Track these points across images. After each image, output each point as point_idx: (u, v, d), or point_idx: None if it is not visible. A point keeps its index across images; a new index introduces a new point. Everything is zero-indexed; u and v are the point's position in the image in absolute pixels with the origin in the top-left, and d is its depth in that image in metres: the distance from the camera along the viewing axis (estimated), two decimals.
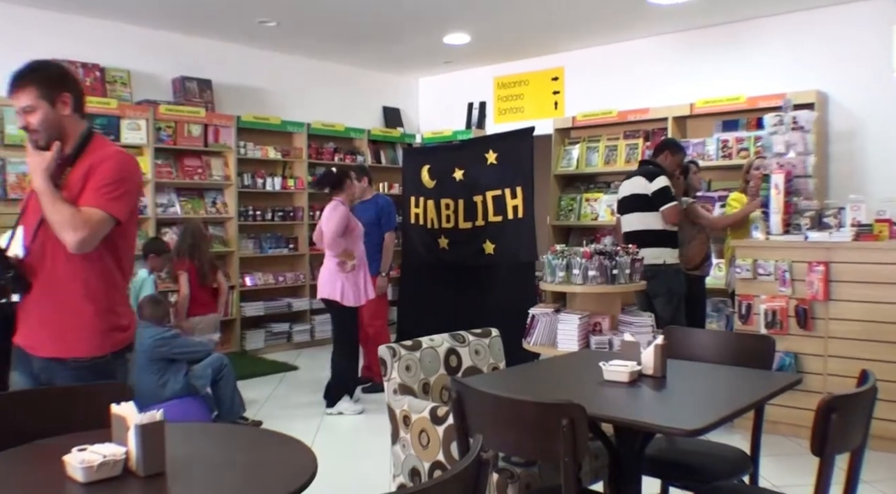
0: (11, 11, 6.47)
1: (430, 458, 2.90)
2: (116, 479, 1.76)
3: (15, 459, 1.94)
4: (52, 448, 1.91)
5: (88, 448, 1.79)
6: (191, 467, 1.91)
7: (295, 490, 1.69)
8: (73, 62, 6.72)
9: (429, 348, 3.22)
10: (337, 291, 5.43)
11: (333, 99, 8.87)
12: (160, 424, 1.81)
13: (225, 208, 7.74)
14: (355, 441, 5.01)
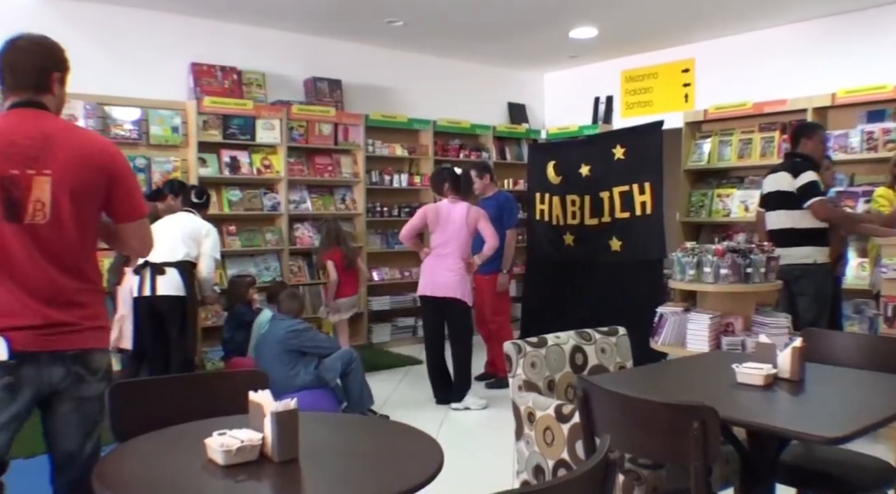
0: (153, 17, 6.85)
1: (554, 456, 2.88)
2: (253, 463, 1.84)
3: (161, 440, 2.07)
4: (194, 431, 2.01)
5: (228, 433, 1.88)
6: (322, 454, 1.98)
7: (422, 481, 1.72)
8: (212, 65, 7.06)
9: (554, 345, 3.20)
10: (465, 292, 5.49)
11: (459, 96, 8.94)
12: (294, 412, 1.88)
13: (354, 204, 7.94)
14: (479, 436, 5.04)
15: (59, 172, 2.27)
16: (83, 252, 2.36)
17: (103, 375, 2.43)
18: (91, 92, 6.41)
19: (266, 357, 5.01)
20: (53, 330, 2.28)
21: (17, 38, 2.40)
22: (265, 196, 7.33)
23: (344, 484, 1.81)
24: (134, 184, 2.46)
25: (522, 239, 8.12)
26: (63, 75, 2.47)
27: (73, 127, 2.49)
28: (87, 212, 2.34)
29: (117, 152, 2.43)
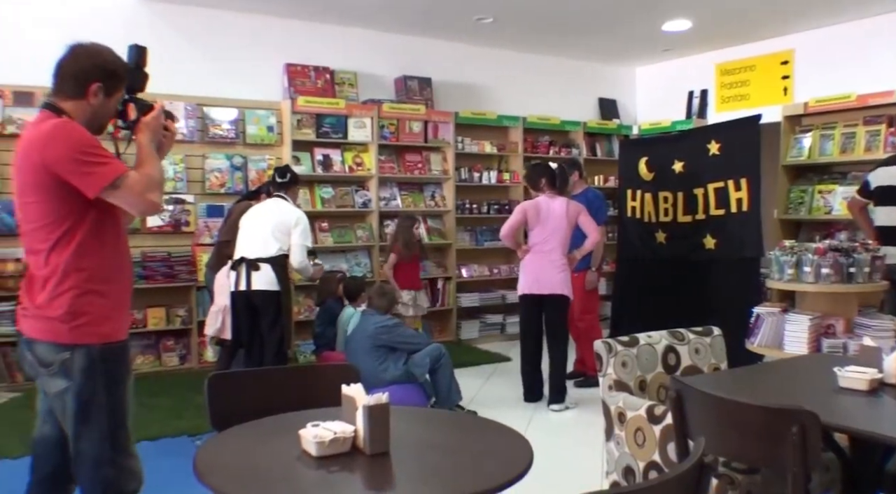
0: (250, 20, 7.06)
1: (645, 458, 2.84)
2: (345, 455, 1.88)
3: (257, 430, 2.13)
4: (289, 421, 2.07)
5: (321, 425, 1.92)
6: (412, 448, 2.00)
7: (512, 478, 1.72)
8: (306, 66, 7.23)
9: (646, 345, 3.15)
10: (569, 288, 5.45)
11: (549, 92, 8.88)
12: (386, 406, 1.91)
13: (443, 201, 7.99)
14: (567, 435, 5.00)
15: (15, 170, 2.42)
16: (44, 241, 2.37)
17: (58, 370, 2.39)
18: (190, 93, 6.67)
19: (356, 351, 5.10)
20: (22, 311, 2.48)
21: (77, 44, 2.46)
22: (356, 193, 7.46)
23: (434, 479, 1.83)
24: (79, 160, 2.31)
25: (612, 236, 8.01)
26: (106, 86, 2.44)
27: (39, 125, 2.38)
28: (42, 202, 2.35)
29: (49, 139, 2.31)
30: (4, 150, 6.05)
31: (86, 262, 2.38)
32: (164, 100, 6.58)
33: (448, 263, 8.02)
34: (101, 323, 2.40)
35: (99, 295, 2.40)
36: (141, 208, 2.46)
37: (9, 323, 5.98)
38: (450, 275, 7.97)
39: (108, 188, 2.33)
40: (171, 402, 5.50)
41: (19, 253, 6.03)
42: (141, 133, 2.54)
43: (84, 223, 2.37)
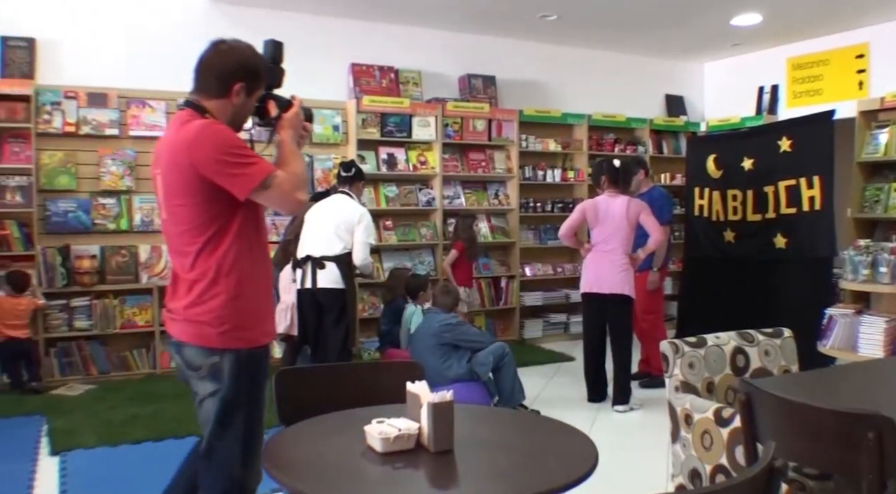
0: (316, 21, 7.16)
1: (712, 461, 2.79)
2: (409, 452, 1.89)
3: (323, 425, 2.17)
4: (355, 418, 2.10)
5: (386, 421, 1.94)
6: (476, 447, 2.00)
7: (577, 478, 1.71)
8: (371, 65, 7.29)
9: (714, 346, 3.09)
10: (630, 287, 5.40)
11: (614, 89, 8.78)
12: (450, 404, 1.91)
13: (507, 200, 7.97)
14: (632, 436, 4.94)
15: (163, 172, 2.40)
16: (191, 244, 2.35)
17: (207, 374, 2.36)
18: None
19: (419, 349, 5.13)
20: (169, 314, 2.46)
21: (221, 41, 2.45)
22: (420, 191, 7.50)
23: (498, 478, 1.83)
24: (227, 162, 2.29)
25: (679, 235, 7.89)
26: (249, 85, 2.43)
27: (184, 126, 2.36)
28: (190, 205, 2.33)
29: (196, 141, 2.29)
30: (80, 150, 6.27)
31: (234, 266, 2.35)
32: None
33: (511, 262, 8.00)
34: (250, 327, 2.39)
35: (246, 300, 2.37)
36: (290, 207, 2.45)
37: (84, 317, 6.20)
38: (513, 274, 7.95)
39: (258, 189, 2.29)
40: None
41: (94, 249, 6.25)
42: (283, 130, 2.51)
43: (232, 226, 2.34)
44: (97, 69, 6.34)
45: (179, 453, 4.52)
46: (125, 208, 6.38)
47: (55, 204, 6.16)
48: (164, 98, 6.49)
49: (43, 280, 6.03)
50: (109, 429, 4.83)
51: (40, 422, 5.01)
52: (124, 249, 6.35)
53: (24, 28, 6.13)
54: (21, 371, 5.81)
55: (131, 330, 6.34)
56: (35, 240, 6.02)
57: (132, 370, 6.34)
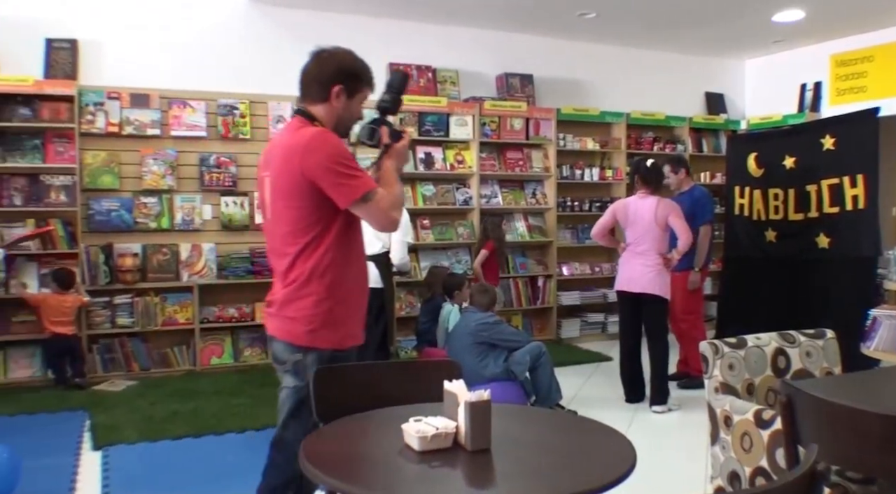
0: (355, 21, 7.19)
1: (752, 463, 2.75)
2: (447, 450, 1.90)
3: (361, 423, 2.18)
4: (392, 416, 2.10)
5: (423, 420, 1.95)
6: (513, 446, 2.00)
7: (615, 479, 1.70)
8: (409, 65, 7.31)
9: (754, 346, 3.04)
10: (663, 287, 5.35)
11: (653, 87, 8.70)
12: (487, 403, 1.91)
13: (544, 199, 7.94)
14: (670, 437, 4.89)
15: (273, 174, 2.51)
16: (292, 245, 2.47)
17: (290, 369, 2.52)
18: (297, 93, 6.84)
19: (456, 348, 5.13)
20: (266, 309, 2.63)
21: (321, 50, 2.59)
22: (458, 191, 7.50)
23: (535, 478, 1.82)
24: (334, 171, 2.40)
25: (719, 234, 7.79)
26: (347, 87, 2.54)
27: (297, 131, 2.50)
28: (295, 208, 2.46)
29: (308, 148, 2.41)
30: (122, 150, 6.37)
31: (328, 270, 2.47)
32: (271, 101, 6.84)
33: (549, 261, 7.97)
34: (336, 329, 2.51)
35: (337, 303, 2.49)
36: (383, 223, 2.52)
37: (126, 315, 6.30)
38: (550, 273, 7.92)
39: (359, 201, 2.41)
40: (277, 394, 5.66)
41: (136, 248, 6.36)
42: (390, 159, 2.61)
43: (331, 231, 2.46)
44: (139, 70, 6.44)
45: (219, 449, 4.60)
46: (166, 207, 6.47)
47: (98, 203, 6.27)
48: (205, 98, 6.58)
49: (86, 277, 6.14)
50: (150, 425, 4.90)
51: (83, 417, 5.11)
52: (165, 248, 6.45)
53: (66, 29, 6.25)
54: (66, 367, 5.93)
55: (172, 328, 6.44)
56: (79, 238, 6.14)
57: (172, 367, 6.43)
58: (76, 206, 6.13)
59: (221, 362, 6.58)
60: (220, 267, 6.59)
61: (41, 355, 6.04)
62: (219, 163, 6.61)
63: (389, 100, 2.63)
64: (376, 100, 2.65)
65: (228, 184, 6.64)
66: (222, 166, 6.62)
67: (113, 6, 6.41)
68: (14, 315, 6.00)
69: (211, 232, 6.64)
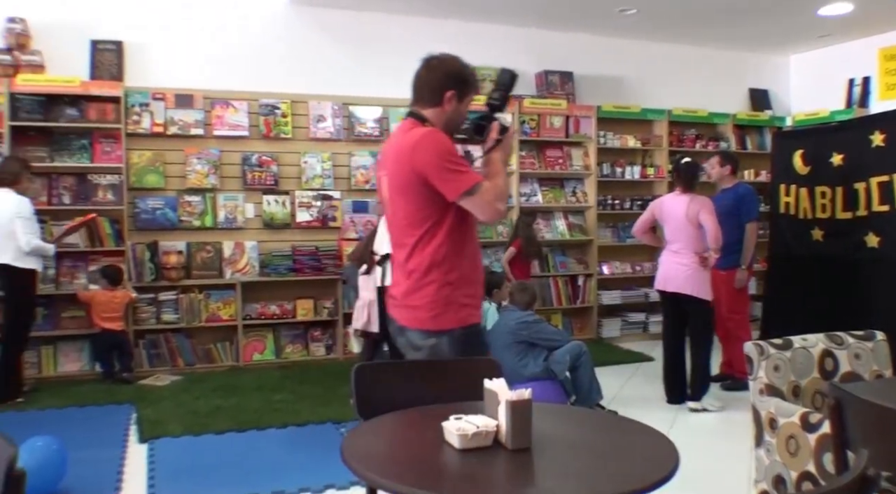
0: (394, 20, 7.23)
1: (798, 467, 2.70)
2: (487, 449, 1.89)
3: (401, 420, 2.18)
4: (432, 413, 2.10)
5: (464, 418, 1.94)
6: (554, 446, 1.99)
7: (657, 480, 1.68)
8: None
9: (801, 348, 2.99)
10: (699, 288, 5.28)
11: (695, 83, 8.59)
12: (528, 402, 1.90)
13: (584, 197, 7.89)
14: (712, 439, 4.83)
15: (389, 172, 2.71)
16: (410, 236, 2.64)
17: (427, 355, 2.63)
18: (337, 93, 6.92)
19: (496, 347, 5.09)
20: (391, 300, 2.79)
21: (431, 57, 2.77)
22: None
23: (576, 478, 1.81)
24: (443, 167, 2.57)
25: (763, 233, 7.67)
26: (459, 92, 2.71)
27: (409, 132, 2.66)
28: (410, 203, 2.63)
29: (418, 146, 2.58)
30: (167, 149, 6.48)
31: (446, 257, 2.62)
32: (311, 100, 6.90)
33: (589, 260, 7.92)
34: (458, 310, 2.65)
35: (455, 288, 2.64)
36: (489, 214, 2.65)
37: (171, 311, 6.41)
38: (591, 272, 7.86)
39: (466, 194, 2.56)
40: (318, 390, 5.72)
41: (180, 245, 6.47)
42: (498, 151, 2.76)
43: (445, 222, 2.62)
44: (183, 71, 6.54)
45: (260, 444, 4.65)
46: (210, 205, 6.56)
47: (144, 201, 6.38)
48: (247, 98, 6.65)
49: (132, 274, 6.26)
50: (194, 419, 4.98)
51: (130, 411, 5.21)
52: (209, 245, 6.54)
53: (112, 32, 6.37)
54: (114, 362, 6.05)
55: (215, 324, 6.53)
56: (125, 236, 6.26)
57: (216, 362, 6.52)
58: (122, 205, 6.25)
59: (263, 358, 6.65)
60: (262, 265, 6.66)
61: (90, 349, 6.17)
62: (261, 162, 6.68)
63: (499, 98, 2.81)
64: (486, 97, 2.82)
65: (270, 183, 6.71)
66: (264, 165, 6.69)
67: (157, 9, 6.52)
68: (64, 310, 6.13)
69: (253, 230, 6.72)
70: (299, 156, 6.85)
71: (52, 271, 6.07)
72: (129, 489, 3.87)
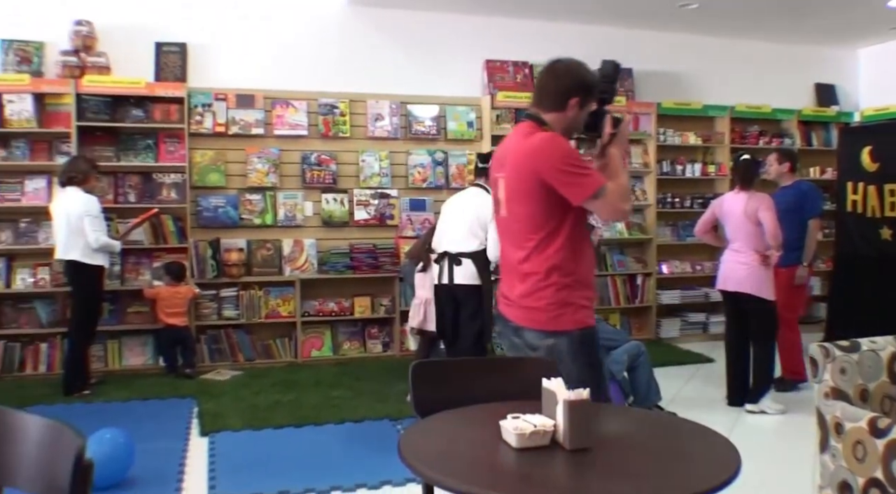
0: (451, 19, 7.23)
1: (865, 474, 2.62)
2: (544, 449, 1.88)
3: (458, 418, 2.18)
4: (489, 412, 2.10)
5: (521, 417, 1.94)
6: (613, 446, 1.97)
7: (719, 483, 1.65)
8: (505, 61, 7.30)
9: (869, 350, 2.91)
10: (760, 287, 5.17)
11: (759, 79, 8.40)
12: (586, 402, 1.89)
13: (644, 195, 7.79)
14: (774, 443, 4.73)
15: (507, 176, 2.70)
16: (529, 240, 2.64)
17: (545, 354, 2.62)
18: (394, 92, 6.96)
19: None
20: (505, 300, 2.79)
21: (556, 61, 2.81)
22: None
23: (636, 479, 1.78)
24: (567, 171, 2.55)
25: (829, 232, 7.47)
26: (583, 99, 2.70)
27: (530, 136, 2.64)
28: (530, 207, 2.62)
29: (540, 151, 2.57)
30: (228, 149, 6.60)
31: (564, 261, 2.62)
32: (369, 99, 6.97)
33: (648, 259, 7.82)
34: (577, 311, 2.65)
35: (573, 290, 2.64)
36: (615, 216, 2.69)
37: (232, 307, 6.53)
38: (650, 271, 7.76)
39: (591, 198, 2.55)
40: (375, 387, 5.76)
41: (241, 243, 6.59)
42: (615, 146, 2.74)
43: (565, 226, 2.62)
44: (244, 71, 6.66)
45: (318, 439, 4.72)
46: (270, 204, 6.67)
47: (206, 199, 6.51)
48: (306, 98, 6.74)
49: (195, 271, 6.40)
50: (254, 414, 5.07)
51: (191, 404, 5.33)
52: (269, 243, 6.65)
53: (176, 34, 6.52)
54: (177, 356, 6.19)
55: (275, 321, 6.63)
56: (188, 233, 6.40)
57: (275, 358, 6.63)
58: (185, 203, 6.39)
59: (321, 354, 6.73)
60: (320, 263, 6.74)
61: (153, 344, 6.33)
62: (319, 161, 6.76)
63: (607, 90, 2.78)
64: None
65: (329, 182, 6.79)
66: (323, 164, 6.77)
67: (219, 11, 6.64)
68: (129, 305, 6.30)
69: (312, 228, 6.81)
70: (357, 155, 6.91)
71: (118, 267, 6.24)
72: (190, 481, 3.95)
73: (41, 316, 6.13)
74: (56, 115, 6.14)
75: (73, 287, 5.62)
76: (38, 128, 6.05)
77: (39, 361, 6.10)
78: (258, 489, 3.77)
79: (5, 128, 5.98)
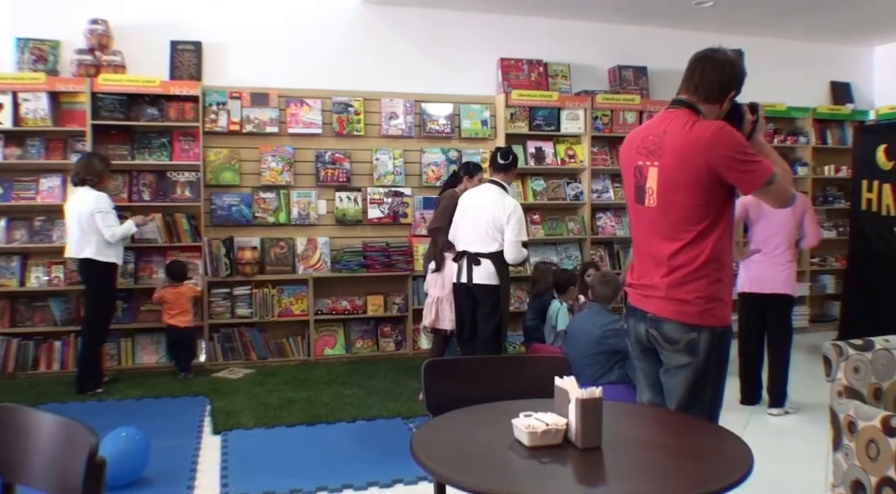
0: (465, 17, 7.23)
1: (878, 472, 2.61)
2: (556, 447, 1.89)
3: (471, 416, 2.19)
4: (502, 410, 2.11)
5: (533, 415, 1.94)
6: (624, 445, 1.97)
7: (732, 481, 1.65)
8: (519, 60, 7.29)
9: (883, 349, 2.89)
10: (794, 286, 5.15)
11: (773, 76, 8.32)
12: (599, 401, 1.89)
13: None
14: (787, 441, 4.70)
15: (667, 165, 2.61)
16: (686, 232, 2.59)
17: (683, 348, 2.59)
18: (409, 90, 6.97)
19: (576, 353, 4.83)
20: (643, 292, 2.72)
21: (715, 50, 2.80)
22: (568, 185, 7.43)
23: (647, 478, 1.79)
24: (740, 160, 2.52)
25: (843, 230, 7.42)
26: (737, 92, 2.71)
27: (695, 126, 2.58)
28: (692, 198, 2.57)
29: (714, 141, 2.52)
30: (243, 147, 6.63)
31: (720, 254, 2.60)
32: (383, 98, 6.97)
33: None
34: (723, 308, 2.63)
35: (722, 285, 2.63)
36: (785, 201, 2.67)
37: (245, 305, 6.55)
38: None
39: (765, 185, 2.55)
40: (387, 386, 5.77)
41: (255, 241, 6.61)
42: (758, 133, 2.75)
43: (723, 218, 2.61)
44: (258, 70, 6.68)
45: (330, 438, 4.73)
46: (283, 202, 6.69)
47: (220, 198, 6.54)
48: (320, 96, 6.76)
49: (209, 269, 6.42)
50: (267, 412, 5.08)
51: (204, 403, 5.35)
52: (282, 241, 6.67)
53: (191, 33, 6.54)
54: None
55: (288, 319, 6.65)
56: (202, 231, 6.43)
57: (288, 356, 6.65)
58: (199, 201, 6.41)
59: (334, 353, 6.75)
60: (333, 261, 6.76)
61: (166, 342, 6.34)
62: (333, 160, 6.78)
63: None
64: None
65: (343, 180, 6.80)
66: (337, 162, 6.78)
67: (234, 10, 6.67)
68: (142, 304, 6.33)
69: (325, 226, 6.83)
70: (371, 153, 6.93)
71: (132, 266, 6.27)
72: (203, 478, 3.97)
73: (55, 315, 6.17)
74: (71, 114, 6.18)
75: (87, 285, 5.64)
76: (53, 126, 6.09)
77: (53, 359, 6.14)
78: (270, 487, 3.79)
79: (21, 126, 6.03)
